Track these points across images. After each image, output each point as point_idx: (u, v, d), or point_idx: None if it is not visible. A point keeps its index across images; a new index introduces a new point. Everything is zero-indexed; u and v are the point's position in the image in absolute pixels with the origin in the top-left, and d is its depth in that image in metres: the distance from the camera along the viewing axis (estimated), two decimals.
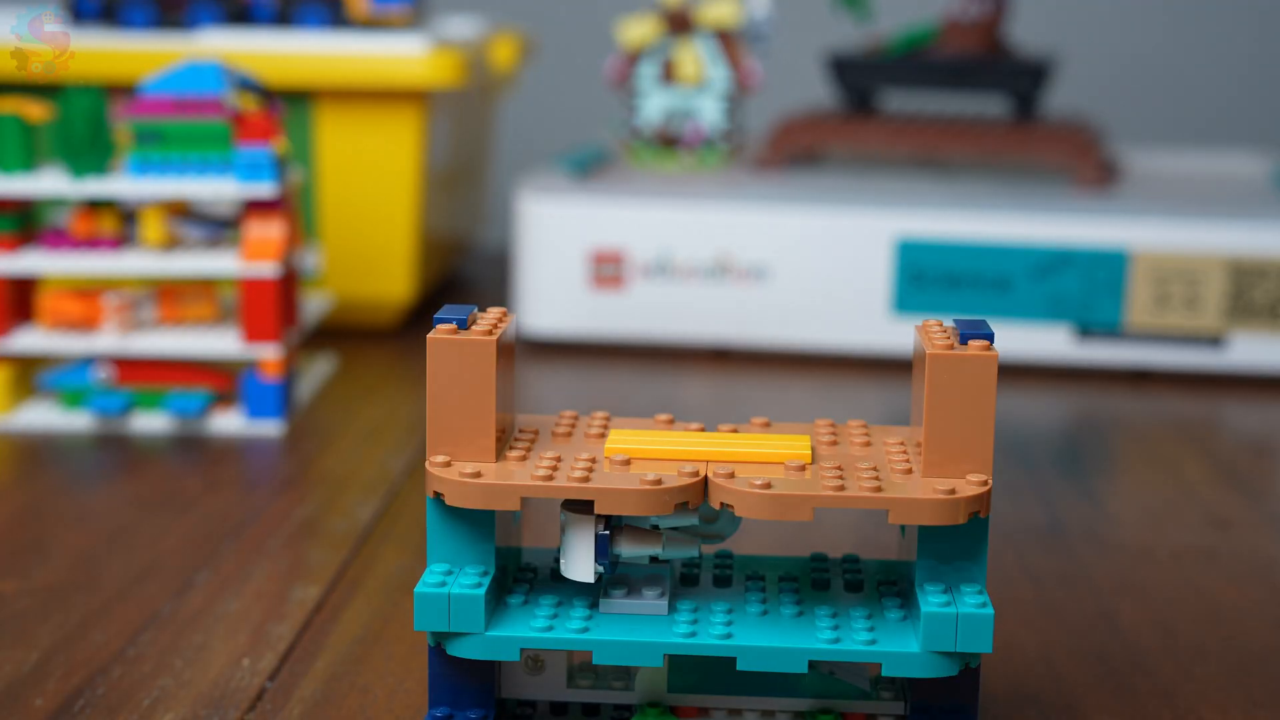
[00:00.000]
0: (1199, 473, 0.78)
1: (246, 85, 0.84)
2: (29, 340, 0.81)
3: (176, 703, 0.49)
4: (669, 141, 1.09)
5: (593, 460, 0.43)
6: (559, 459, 0.43)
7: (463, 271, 1.24)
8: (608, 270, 0.99)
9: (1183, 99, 1.40)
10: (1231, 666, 0.54)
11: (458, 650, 0.43)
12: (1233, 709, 0.51)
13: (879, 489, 0.42)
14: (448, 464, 0.43)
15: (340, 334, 1.01)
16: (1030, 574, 0.62)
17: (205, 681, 0.51)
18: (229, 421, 0.81)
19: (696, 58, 1.07)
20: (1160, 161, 1.16)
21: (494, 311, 0.46)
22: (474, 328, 0.44)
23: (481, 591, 0.42)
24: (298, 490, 0.73)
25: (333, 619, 0.57)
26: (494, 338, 0.43)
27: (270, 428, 0.81)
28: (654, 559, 0.44)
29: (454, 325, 0.43)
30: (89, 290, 0.82)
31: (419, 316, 1.06)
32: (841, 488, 0.42)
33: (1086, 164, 1.01)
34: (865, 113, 1.09)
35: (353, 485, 0.73)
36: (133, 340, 0.81)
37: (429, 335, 0.43)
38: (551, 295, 0.99)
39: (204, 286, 0.84)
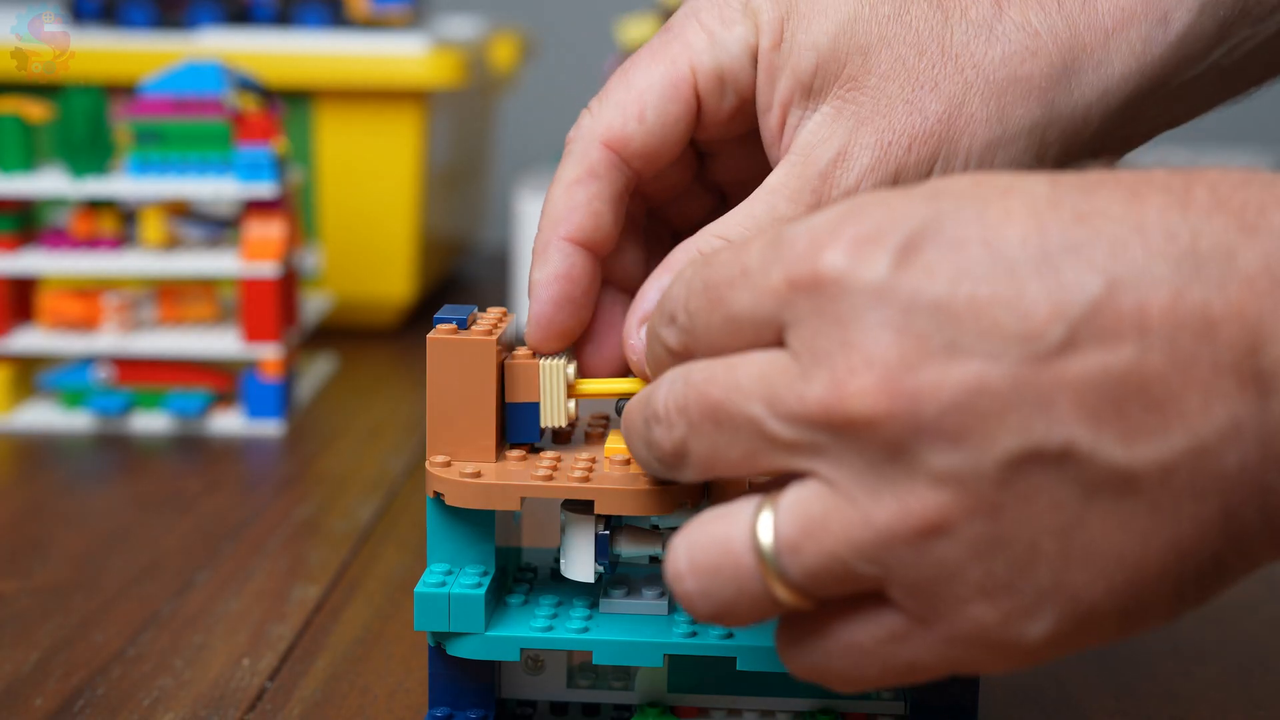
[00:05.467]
0: None
1: (246, 85, 0.84)
2: (29, 340, 0.81)
3: (176, 703, 0.49)
4: None
5: (593, 460, 0.43)
6: (559, 459, 0.43)
7: (463, 271, 1.24)
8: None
9: None
10: (1231, 666, 0.54)
11: (458, 650, 0.43)
12: (1233, 709, 0.51)
13: None
14: (447, 464, 0.43)
15: (340, 334, 1.01)
16: None
17: (205, 681, 0.51)
18: (229, 421, 0.81)
19: None
20: (1160, 161, 1.16)
21: (494, 311, 0.46)
22: (474, 327, 0.44)
23: (481, 591, 0.42)
24: (298, 490, 0.73)
25: (333, 619, 0.57)
26: (494, 338, 0.43)
27: (270, 428, 0.81)
28: (654, 559, 0.44)
29: (454, 325, 0.43)
30: (89, 290, 0.82)
31: (419, 316, 1.06)
32: None
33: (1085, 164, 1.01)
34: None
35: (353, 485, 0.73)
36: (133, 340, 0.81)
37: (429, 335, 0.43)
38: None
39: (204, 286, 0.84)
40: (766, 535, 0.34)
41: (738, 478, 0.38)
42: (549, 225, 0.44)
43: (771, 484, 0.35)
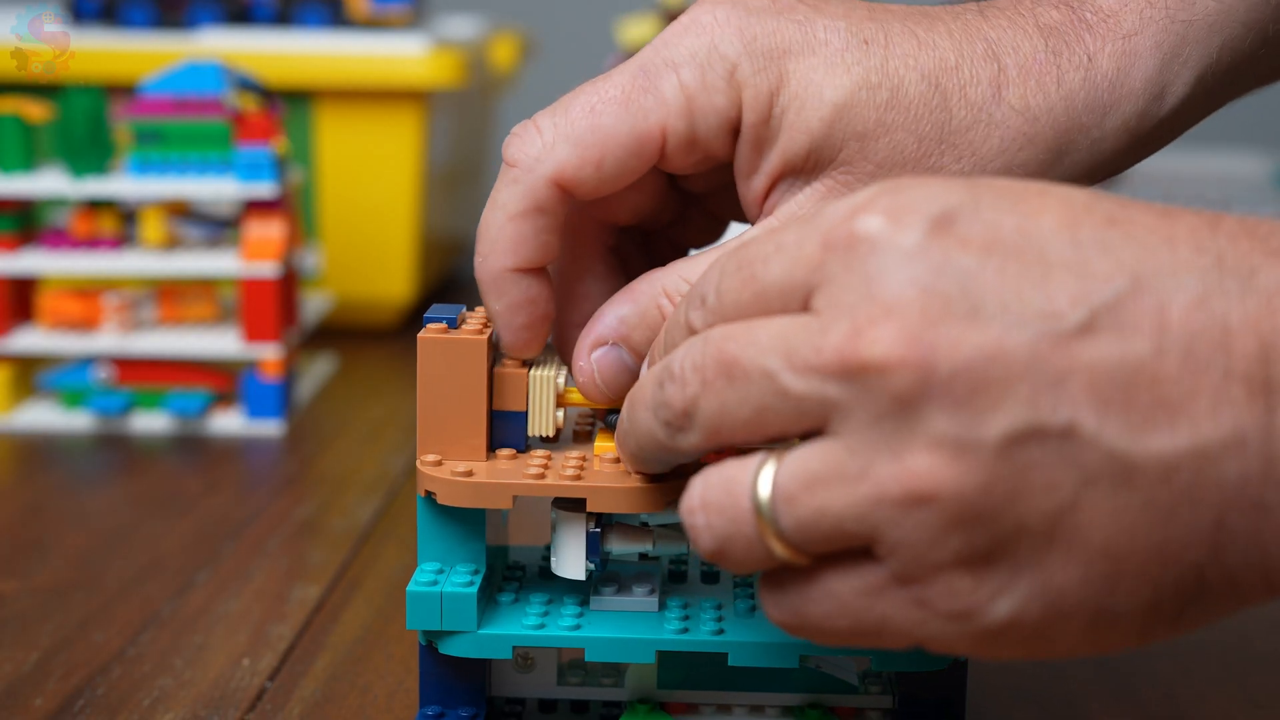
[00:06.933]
0: None
1: (246, 85, 0.84)
2: (29, 340, 0.81)
3: (176, 703, 0.49)
4: None
5: (583, 458, 0.43)
6: (549, 457, 0.44)
7: (462, 271, 1.24)
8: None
9: None
10: (1231, 666, 0.54)
11: (450, 649, 0.43)
12: (1233, 709, 0.51)
13: None
14: (439, 463, 0.43)
15: (340, 334, 1.01)
16: None
17: (205, 681, 0.51)
18: (229, 421, 0.81)
19: None
20: (1160, 161, 1.15)
21: (483, 310, 0.46)
22: (464, 326, 0.44)
23: (474, 590, 0.42)
24: (298, 490, 0.73)
25: (333, 619, 0.57)
26: (485, 336, 0.43)
27: (270, 428, 0.81)
28: (644, 556, 0.44)
29: (444, 324, 0.43)
30: (89, 290, 0.82)
31: (419, 316, 1.06)
32: None
33: None
34: None
35: (353, 485, 0.73)
36: (133, 340, 0.81)
37: (419, 334, 0.43)
38: None
39: (204, 286, 0.84)
40: (765, 486, 0.34)
41: (742, 445, 0.37)
42: (495, 256, 0.43)
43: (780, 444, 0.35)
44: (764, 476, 0.34)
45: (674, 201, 0.47)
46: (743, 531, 0.35)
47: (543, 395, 0.44)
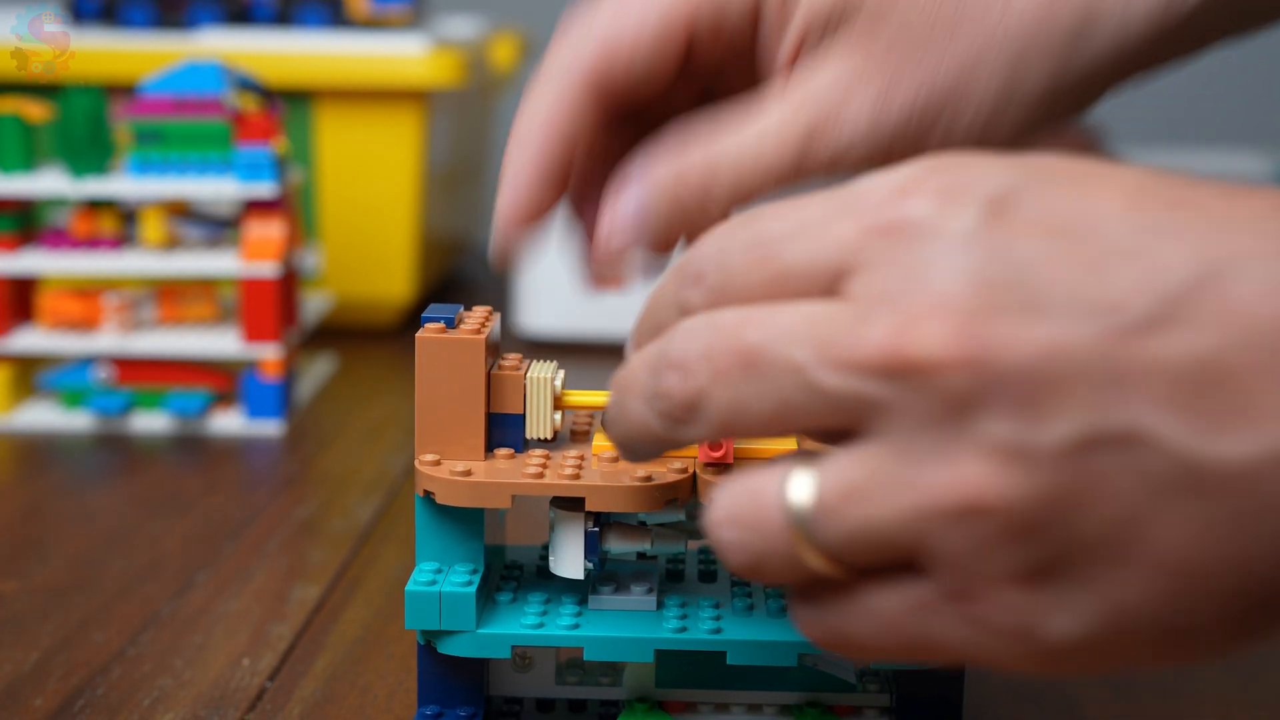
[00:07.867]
0: None
1: (246, 85, 0.84)
2: (29, 340, 0.81)
3: (176, 703, 0.49)
4: None
5: (581, 458, 0.43)
6: (548, 456, 0.44)
7: (462, 271, 1.24)
8: (607, 270, 0.99)
9: (1183, 99, 1.40)
10: (1231, 667, 0.54)
11: (449, 648, 0.43)
12: (1233, 709, 0.50)
13: None
14: (437, 463, 0.43)
15: (340, 334, 1.01)
16: None
17: (205, 681, 0.51)
18: (229, 421, 0.81)
19: None
20: (1160, 161, 1.15)
21: (479, 310, 0.46)
22: (462, 326, 0.44)
23: (473, 590, 0.43)
24: (298, 490, 0.73)
25: (333, 619, 0.57)
26: (483, 336, 0.43)
27: (270, 428, 0.81)
28: (641, 555, 0.44)
29: (442, 324, 0.44)
30: (89, 290, 0.82)
31: (419, 316, 1.06)
32: None
33: None
34: None
35: (353, 485, 0.73)
36: (133, 340, 0.81)
37: (418, 334, 0.43)
38: (550, 295, 0.99)
39: (204, 286, 0.84)
40: (799, 497, 0.31)
41: (757, 438, 0.36)
42: (538, 109, 0.44)
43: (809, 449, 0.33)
44: (796, 487, 0.32)
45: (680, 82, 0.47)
46: (776, 547, 0.32)
47: (539, 398, 0.44)
